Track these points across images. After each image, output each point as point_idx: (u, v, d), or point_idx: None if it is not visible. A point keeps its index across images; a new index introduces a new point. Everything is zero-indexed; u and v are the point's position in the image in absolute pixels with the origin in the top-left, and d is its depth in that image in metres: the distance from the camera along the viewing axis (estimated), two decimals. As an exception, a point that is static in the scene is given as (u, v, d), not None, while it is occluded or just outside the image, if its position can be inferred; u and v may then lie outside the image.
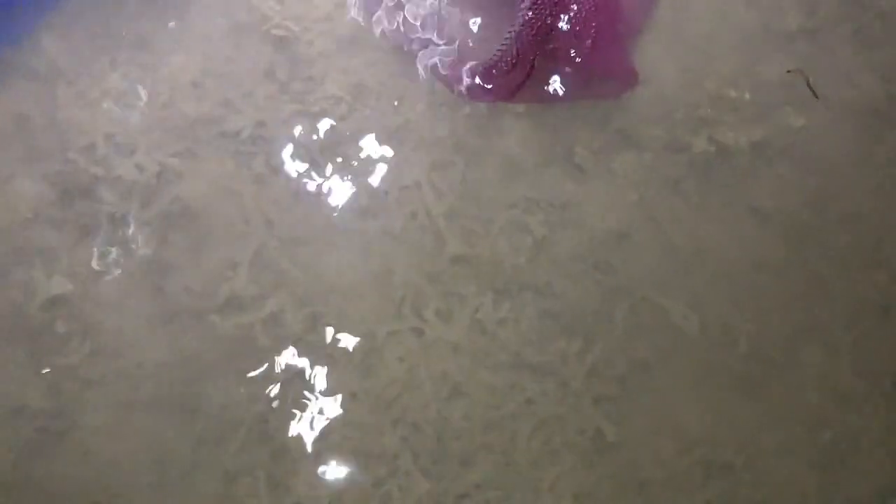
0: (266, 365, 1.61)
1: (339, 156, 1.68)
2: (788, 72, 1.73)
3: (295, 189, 1.67)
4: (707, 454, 1.64)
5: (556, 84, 1.71)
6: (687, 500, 1.62)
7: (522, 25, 1.67)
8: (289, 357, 1.61)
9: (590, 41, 1.68)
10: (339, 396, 1.61)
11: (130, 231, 1.63)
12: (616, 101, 1.76)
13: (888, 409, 1.68)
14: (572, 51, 1.70)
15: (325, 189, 1.67)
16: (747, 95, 1.79)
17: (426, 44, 1.68)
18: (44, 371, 1.57)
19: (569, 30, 1.69)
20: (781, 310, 1.71)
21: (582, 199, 1.72)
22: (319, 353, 1.62)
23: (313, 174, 1.67)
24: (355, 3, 1.70)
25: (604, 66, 1.73)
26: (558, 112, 1.74)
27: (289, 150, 1.68)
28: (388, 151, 1.69)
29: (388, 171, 1.68)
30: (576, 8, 1.69)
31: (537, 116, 1.73)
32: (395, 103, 1.71)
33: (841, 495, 1.65)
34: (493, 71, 1.68)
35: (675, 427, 1.65)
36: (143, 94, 1.68)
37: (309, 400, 1.60)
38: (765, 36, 1.82)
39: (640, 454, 1.63)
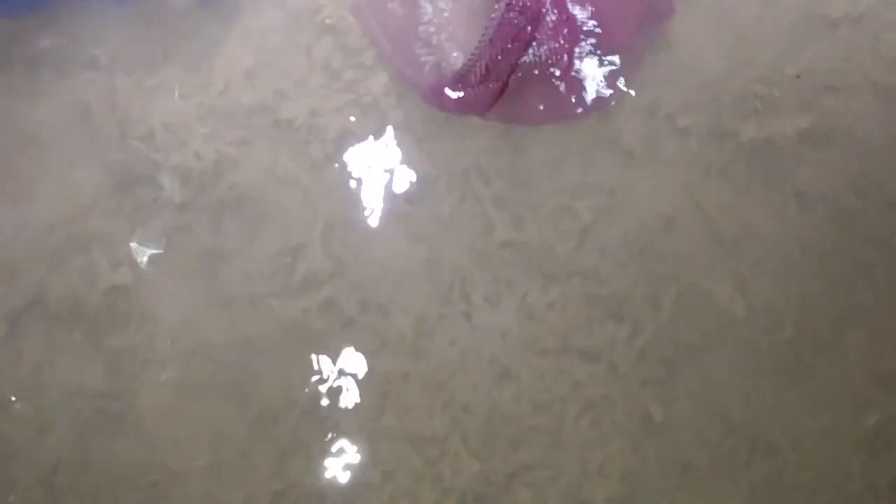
0: (320, 348, 1.64)
1: (389, 143, 1.71)
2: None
3: (347, 177, 1.70)
4: (751, 436, 1.67)
5: (533, 102, 1.70)
6: (731, 482, 1.65)
7: (495, 30, 1.64)
8: (342, 340, 1.65)
9: (566, 57, 1.67)
10: (391, 378, 1.64)
11: (188, 217, 1.66)
12: (664, 87, 1.77)
13: (933, 392, 1.69)
14: (551, 68, 1.69)
15: (375, 176, 1.70)
16: (792, 81, 1.80)
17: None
18: (102, 353, 1.61)
19: (546, 44, 1.67)
20: (826, 294, 1.72)
21: (629, 185, 1.74)
22: (372, 336, 1.65)
23: (364, 162, 1.70)
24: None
25: (574, 86, 1.71)
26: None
27: (341, 138, 1.71)
28: (437, 138, 1.72)
29: (437, 158, 1.71)
30: (553, 19, 1.68)
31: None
32: (445, 91, 1.74)
33: (886, 478, 1.67)
34: (465, 80, 1.66)
35: (721, 409, 1.67)
36: (198, 83, 1.71)
37: (361, 381, 1.63)
38: (809, 22, 1.83)
39: (685, 436, 1.65)
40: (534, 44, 1.66)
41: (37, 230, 1.66)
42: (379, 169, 1.70)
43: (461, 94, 1.64)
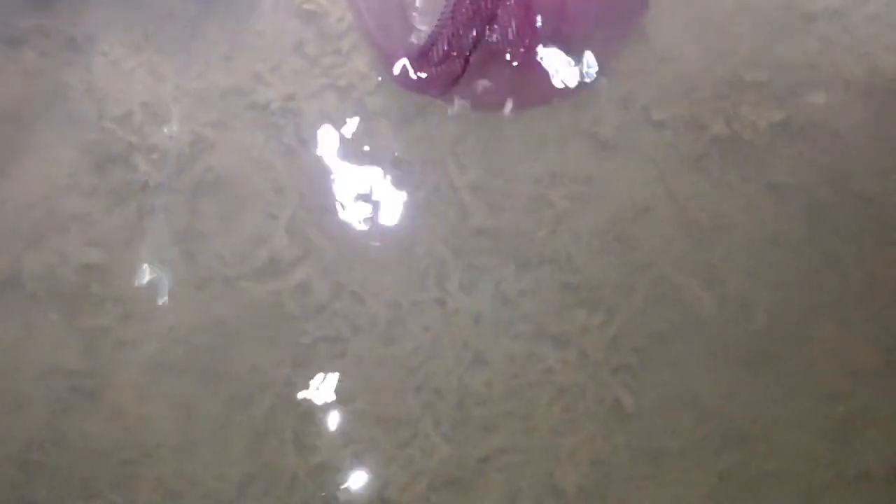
0: (294, 331, 1.65)
1: (365, 129, 1.72)
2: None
3: (322, 161, 1.71)
4: (722, 425, 1.68)
5: (498, 86, 1.70)
6: (701, 470, 1.66)
7: (455, 5, 1.63)
8: (315, 324, 1.65)
9: (527, 42, 1.68)
10: (364, 363, 1.65)
11: (164, 199, 1.67)
12: (640, 78, 1.78)
13: (902, 383, 1.71)
14: (509, 52, 1.69)
15: (351, 161, 1.71)
16: (768, 75, 1.81)
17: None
18: (77, 332, 1.62)
19: (510, 25, 1.67)
20: (797, 285, 1.74)
21: (604, 175, 1.75)
22: (345, 320, 1.66)
23: (340, 147, 1.71)
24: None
25: (540, 72, 1.71)
26: (582, 88, 1.77)
27: (317, 122, 1.71)
28: (413, 125, 1.73)
29: (414, 145, 1.72)
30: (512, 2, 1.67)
31: (564, 97, 1.76)
32: (422, 78, 1.75)
33: (854, 468, 1.68)
34: (428, 57, 1.66)
35: (692, 398, 1.68)
36: (176, 65, 1.72)
37: (335, 365, 1.64)
38: (786, 16, 1.84)
39: (656, 424, 1.66)
40: (496, 25, 1.67)
41: (14, 209, 1.67)
42: (354, 154, 1.71)
43: (424, 72, 1.65)
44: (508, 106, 1.70)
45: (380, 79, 1.73)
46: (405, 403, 1.64)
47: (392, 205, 1.70)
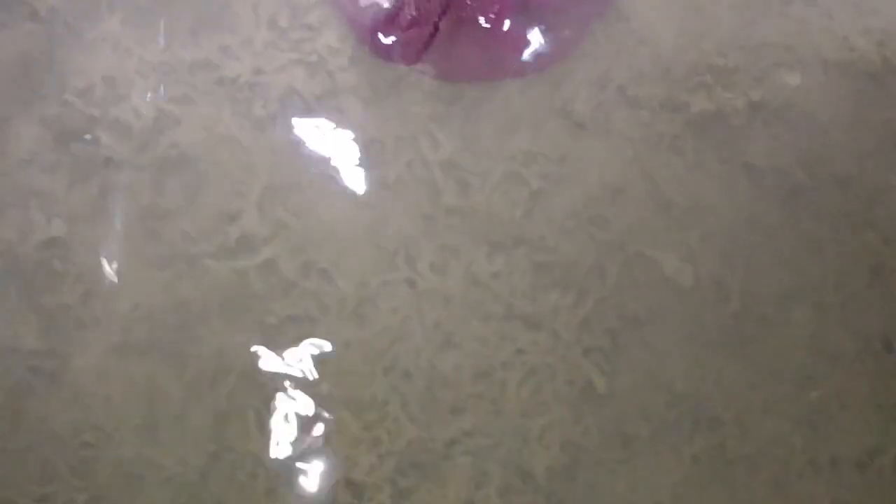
0: (260, 311, 1.61)
1: (335, 105, 1.68)
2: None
3: (291, 138, 1.67)
4: (695, 409, 1.66)
5: (467, 56, 1.67)
6: (673, 454, 1.64)
7: None
8: (282, 304, 1.62)
9: (496, 9, 1.64)
10: (332, 343, 1.61)
11: (127, 175, 1.63)
12: (616, 58, 1.76)
13: (877, 368, 1.69)
14: (480, 19, 1.66)
15: (321, 138, 1.67)
16: (745, 56, 1.79)
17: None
18: (37, 311, 1.57)
19: None
20: (773, 268, 1.72)
21: (579, 154, 1.73)
22: (313, 300, 1.62)
23: (308, 123, 1.68)
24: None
25: (511, 44, 1.68)
26: (558, 67, 1.75)
27: (285, 98, 1.68)
28: (385, 101, 1.69)
29: (385, 122, 1.69)
30: None
31: (537, 71, 1.73)
32: (394, 55, 1.72)
33: (827, 453, 1.66)
34: (395, 22, 1.62)
35: (664, 381, 1.66)
36: (141, 38, 1.68)
37: (302, 346, 1.60)
38: (764, -3, 1.82)
39: (628, 407, 1.64)
40: None
41: (-29, 184, 1.62)
42: (324, 130, 1.68)
43: (392, 37, 1.61)
44: (479, 78, 1.67)
45: (351, 52, 1.69)
46: (373, 385, 1.60)
47: (362, 182, 1.66)
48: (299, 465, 1.57)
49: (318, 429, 1.59)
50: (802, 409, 1.68)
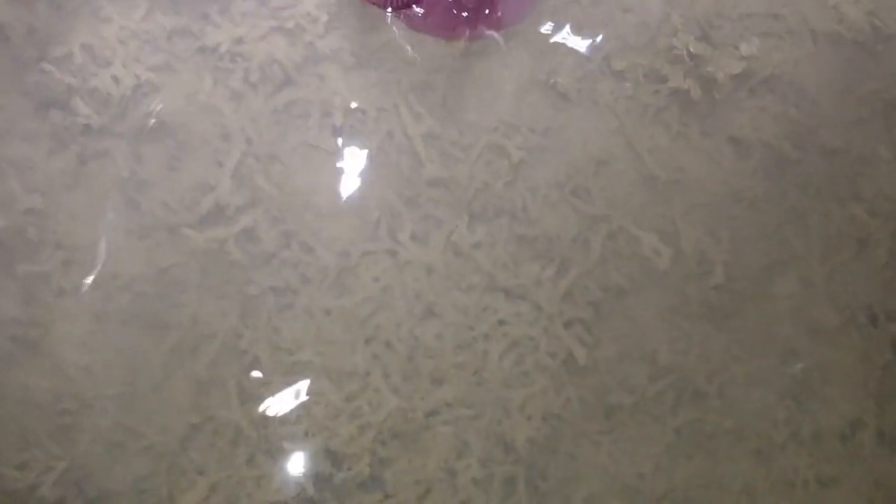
0: (240, 281, 1.60)
1: (316, 74, 1.67)
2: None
3: (272, 107, 1.66)
4: (678, 382, 1.65)
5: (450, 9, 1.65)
6: (657, 426, 1.63)
7: None
8: (263, 273, 1.61)
9: None
10: (312, 313, 1.61)
11: (106, 144, 1.62)
12: (601, 28, 1.74)
13: (862, 341, 1.69)
14: None
15: (301, 107, 1.66)
16: (731, 26, 1.77)
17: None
18: (16, 280, 1.57)
19: None
20: (758, 241, 1.71)
21: (562, 126, 1.71)
22: (293, 270, 1.61)
23: (289, 92, 1.66)
24: None
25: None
26: (542, 37, 1.73)
27: (266, 66, 1.66)
28: (366, 72, 1.68)
29: (366, 92, 1.67)
30: None
31: (521, 41, 1.72)
32: (375, 24, 1.70)
33: (810, 425, 1.66)
34: None
35: (647, 354, 1.65)
36: (120, 5, 1.66)
37: (282, 316, 1.60)
38: (751, -33, 1.80)
39: (610, 379, 1.63)
40: None
41: (-51, 153, 1.61)
42: (304, 100, 1.66)
43: None
44: (463, 32, 1.65)
45: (330, 19, 1.68)
46: (354, 355, 1.60)
47: (343, 152, 1.65)
48: (279, 434, 1.57)
49: (299, 398, 1.58)
50: (786, 381, 1.67)
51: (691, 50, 1.75)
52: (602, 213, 1.68)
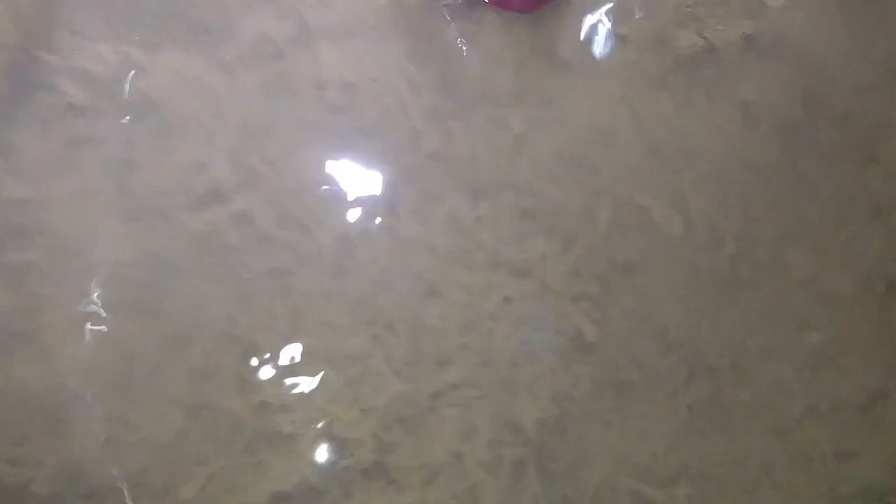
0: (235, 264, 1.55)
1: (308, 47, 1.61)
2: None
3: (264, 83, 1.60)
4: (690, 356, 1.60)
5: None
6: (669, 402, 1.58)
7: None
8: (259, 256, 1.55)
9: None
10: (311, 296, 1.55)
11: (93, 125, 1.56)
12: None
13: (879, 309, 1.63)
14: None
15: (294, 83, 1.60)
16: (737, -12, 1.71)
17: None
18: (3, 269, 1.51)
19: None
20: (769, 210, 1.65)
21: (564, 96, 1.65)
22: (290, 252, 1.56)
23: (283, 67, 1.60)
24: None
25: None
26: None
27: (257, 41, 1.60)
28: (361, 43, 1.62)
29: (361, 64, 1.61)
30: None
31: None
32: (368, -6, 1.64)
33: (828, 398, 1.61)
34: None
35: (657, 328, 1.60)
36: (103, -18, 1.60)
37: (279, 300, 1.54)
38: (756, -73, 1.74)
39: (620, 355, 1.58)
40: None
41: (-70, 139, 1.55)
42: (297, 75, 1.60)
43: None
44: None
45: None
46: (355, 339, 1.55)
47: (339, 128, 1.59)
48: (279, 421, 1.52)
49: (299, 384, 1.53)
50: (802, 353, 1.62)
51: (696, 11, 1.68)
52: (608, 186, 1.63)
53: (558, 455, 1.55)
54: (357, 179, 1.59)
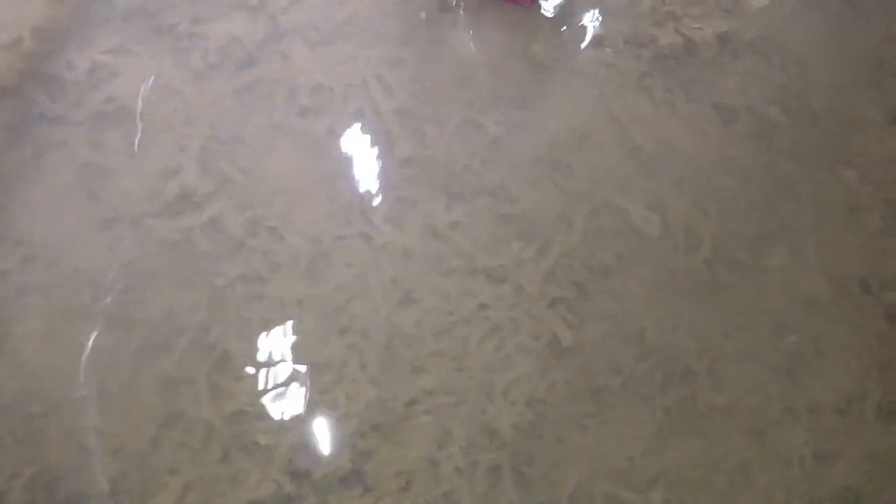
0: (207, 271, 1.54)
1: (279, 51, 1.59)
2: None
3: (234, 87, 1.58)
4: (666, 360, 1.59)
5: None
6: (646, 407, 1.57)
7: None
8: (231, 263, 1.54)
9: None
10: (284, 303, 1.54)
11: (63, 132, 1.54)
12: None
13: (856, 311, 1.63)
14: None
15: (265, 87, 1.58)
16: (715, -13, 1.69)
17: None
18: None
19: None
20: (746, 212, 1.64)
21: (540, 98, 1.64)
22: (263, 258, 1.55)
23: (253, 71, 1.58)
24: None
25: None
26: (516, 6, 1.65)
27: (227, 45, 1.58)
28: (333, 46, 1.60)
29: (333, 68, 1.60)
30: None
31: (493, 9, 1.64)
32: (341, -4, 1.62)
33: (805, 400, 1.60)
34: None
35: (634, 332, 1.59)
36: (71, -14, 1.58)
37: (252, 307, 1.53)
38: (734, -75, 1.72)
39: (596, 360, 1.58)
40: None
41: None
42: (268, 79, 1.58)
43: None
44: None
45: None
46: (329, 346, 1.54)
47: (311, 132, 1.58)
48: (253, 429, 1.51)
49: (272, 393, 1.52)
50: (778, 356, 1.62)
51: (673, 11, 1.67)
52: (584, 189, 1.61)
53: (534, 460, 1.54)
54: (330, 184, 1.58)
